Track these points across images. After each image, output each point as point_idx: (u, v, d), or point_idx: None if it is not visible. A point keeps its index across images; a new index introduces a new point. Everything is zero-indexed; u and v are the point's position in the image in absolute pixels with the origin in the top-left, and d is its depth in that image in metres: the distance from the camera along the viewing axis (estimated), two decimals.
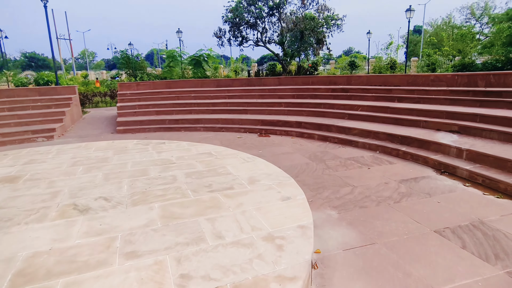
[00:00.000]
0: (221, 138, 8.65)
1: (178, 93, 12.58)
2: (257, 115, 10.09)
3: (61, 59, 43.15)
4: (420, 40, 39.57)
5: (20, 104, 11.07)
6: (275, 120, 9.22)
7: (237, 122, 9.82)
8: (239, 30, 22.69)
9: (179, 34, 25.74)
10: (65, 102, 11.66)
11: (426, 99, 8.05)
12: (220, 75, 26.36)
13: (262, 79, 12.77)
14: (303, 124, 8.64)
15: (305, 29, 21.22)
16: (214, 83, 13.22)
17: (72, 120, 11.71)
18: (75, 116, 12.17)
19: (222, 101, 11.47)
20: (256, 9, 21.46)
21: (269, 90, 11.74)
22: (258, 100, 11.09)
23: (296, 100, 10.59)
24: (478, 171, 4.58)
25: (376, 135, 6.91)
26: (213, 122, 10.13)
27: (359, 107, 8.65)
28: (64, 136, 9.85)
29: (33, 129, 9.52)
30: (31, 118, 10.38)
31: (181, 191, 3.67)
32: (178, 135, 9.31)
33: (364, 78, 10.57)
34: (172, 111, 11.23)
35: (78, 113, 12.65)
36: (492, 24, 32.50)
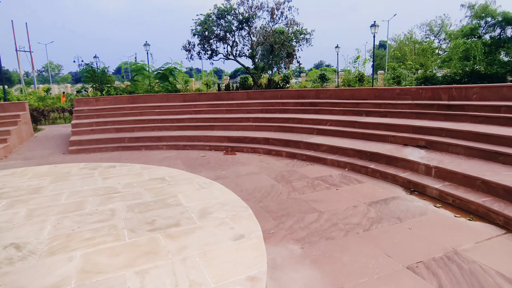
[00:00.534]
0: (184, 157, 8.06)
1: (142, 108, 11.87)
2: (224, 131, 9.61)
3: (21, 72, 40.71)
4: (385, 54, 41.24)
5: None
6: (242, 136, 8.78)
7: (203, 139, 9.28)
8: (209, 44, 22.36)
9: (146, 47, 24.99)
10: (12, 120, 10.60)
11: (393, 113, 7.94)
12: (191, 89, 25.80)
13: (230, 93, 12.37)
14: (271, 141, 8.25)
15: (275, 43, 21.26)
16: (180, 98, 12.65)
17: (20, 140, 10.64)
18: (24, 135, 11.10)
19: (187, 116, 10.91)
20: (225, 22, 21.30)
21: (237, 104, 11.34)
22: (226, 116, 10.64)
23: (265, 115, 10.24)
24: (448, 191, 4.34)
25: (345, 151, 6.63)
26: (177, 139, 9.52)
27: (327, 122, 8.41)
28: (8, 158, 8.83)
29: None
30: None
31: (115, 232, 3.08)
32: (137, 155, 8.62)
33: (332, 92, 10.44)
34: (134, 128, 10.50)
35: (28, 131, 11.57)
36: (449, 40, 34.52)
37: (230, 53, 22.83)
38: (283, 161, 7.13)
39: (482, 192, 4.15)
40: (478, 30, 29.95)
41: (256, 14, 21.82)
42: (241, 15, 21.34)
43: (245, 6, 21.66)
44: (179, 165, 7.14)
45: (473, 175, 4.30)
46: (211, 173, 6.33)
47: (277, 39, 21.76)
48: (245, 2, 21.75)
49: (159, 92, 17.48)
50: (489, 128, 5.59)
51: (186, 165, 7.20)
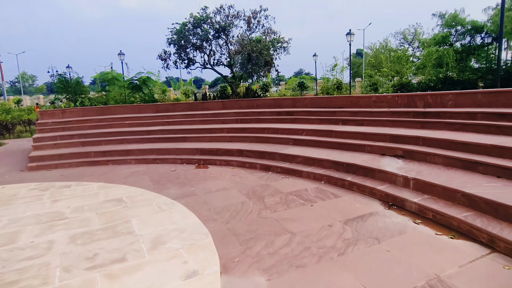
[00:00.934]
0: (152, 172, 7.53)
1: (111, 120, 11.23)
2: (197, 143, 9.15)
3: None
4: (362, 62, 42.06)
5: None
6: (215, 148, 8.34)
7: (174, 152, 8.77)
8: (186, 53, 21.95)
9: (121, 57, 24.25)
10: None
11: (369, 121, 7.75)
12: (169, 99, 25.18)
13: (205, 103, 11.95)
14: (245, 153, 7.86)
15: (252, 52, 21.10)
16: (152, 108, 12.10)
17: None
18: None
19: (159, 128, 10.37)
20: (202, 31, 20.99)
21: (212, 115, 10.92)
22: (199, 126, 10.19)
23: (240, 125, 9.86)
24: (428, 205, 4.07)
25: (321, 163, 6.33)
26: (147, 153, 8.96)
27: (303, 132, 8.12)
28: None
29: None
30: None
31: (45, 272, 2.58)
32: (103, 170, 8.00)
33: (309, 100, 10.22)
34: (101, 142, 9.85)
35: None
36: (422, 47, 35.59)
37: (207, 62, 22.48)
38: (257, 174, 6.74)
39: (463, 206, 3.90)
40: (449, 38, 31.04)
41: (233, 23, 21.64)
42: (218, 24, 21.11)
43: (221, 15, 21.45)
44: (145, 182, 6.61)
45: (453, 188, 4.06)
46: (179, 190, 5.85)
47: (254, 48, 21.60)
48: (221, 11, 21.54)
49: (134, 103, 16.84)
50: (467, 136, 5.43)
51: (153, 181, 6.68)
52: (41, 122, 10.89)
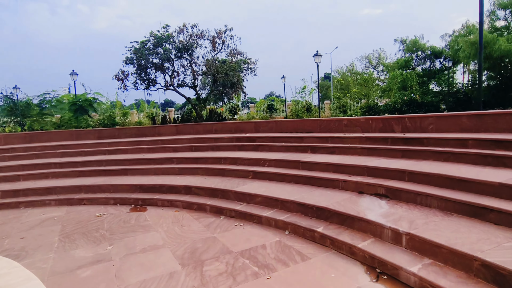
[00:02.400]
0: (70, 219, 5.79)
1: (40, 149, 9.34)
2: (139, 177, 7.52)
3: None
4: (330, 85, 42.55)
5: None
6: (158, 184, 6.76)
7: (108, 189, 7.08)
8: (146, 73, 20.44)
9: (73, 77, 22.15)
10: None
11: (342, 148, 6.60)
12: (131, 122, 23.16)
13: (157, 127, 10.40)
14: (194, 190, 6.36)
15: (217, 73, 20.03)
16: (94, 134, 10.35)
17: None
18: None
19: (97, 158, 8.63)
20: (163, 50, 19.69)
21: (163, 141, 9.37)
22: (146, 156, 8.58)
23: (193, 153, 8.38)
24: (433, 280, 2.79)
25: (285, 204, 4.97)
26: (73, 190, 7.19)
27: (266, 162, 6.80)
28: None
29: None
30: None
31: None
32: (4, 217, 6.13)
33: (273, 124, 9.01)
34: (19, 177, 7.93)
35: None
36: (387, 71, 36.53)
37: (170, 83, 21.10)
38: (205, 221, 5.24)
39: (486, 281, 2.66)
40: (411, 62, 31.99)
41: (197, 42, 20.61)
42: (181, 44, 19.98)
43: (184, 34, 20.38)
44: (50, 236, 4.89)
45: (466, 252, 2.82)
46: (89, 251, 4.21)
47: (219, 69, 20.60)
48: (184, 31, 20.51)
49: (91, 127, 14.85)
50: (462, 168, 4.35)
51: (63, 234, 4.97)
52: None
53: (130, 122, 22.54)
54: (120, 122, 19.09)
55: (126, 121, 20.90)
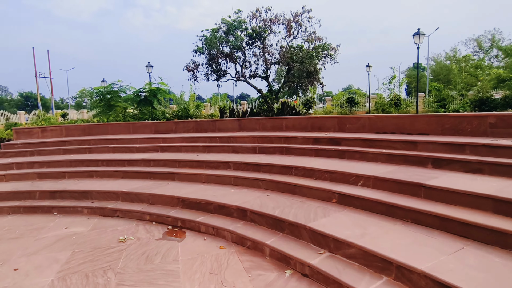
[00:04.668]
0: (89, 240, 4.39)
1: (95, 142, 8.55)
2: (185, 185, 5.90)
3: (39, 97, 40.37)
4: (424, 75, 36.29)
5: None
6: (205, 200, 4.98)
7: (147, 199, 5.60)
8: (217, 63, 19.36)
9: (149, 69, 22.47)
10: None
11: (496, 165, 3.86)
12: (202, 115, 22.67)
13: (216, 121, 8.78)
14: (250, 215, 4.39)
15: (292, 61, 17.82)
16: (151, 128, 9.25)
17: None
18: None
19: (147, 156, 7.35)
20: (235, 39, 18.26)
21: (221, 139, 7.67)
22: (199, 157, 6.95)
23: (256, 157, 6.44)
24: None
25: (407, 274, 2.63)
26: (109, 197, 5.92)
27: (359, 179, 4.44)
28: None
29: None
30: None
31: None
32: (28, 227, 5.07)
33: (364, 121, 6.50)
34: (65, 174, 7.08)
35: None
36: (505, 56, 29.30)
37: (241, 74, 19.65)
38: (260, 278, 3.21)
39: None
40: None
41: (271, 28, 18.66)
42: (253, 30, 18.27)
43: (257, 19, 18.61)
44: (47, 272, 3.47)
45: None
46: None
47: (294, 57, 18.34)
48: (257, 16, 18.74)
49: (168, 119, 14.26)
50: None
51: (63, 271, 3.50)
52: (8, 143, 8.54)
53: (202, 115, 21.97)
54: (193, 115, 18.48)
55: (199, 114, 20.28)
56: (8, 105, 71.24)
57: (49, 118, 26.45)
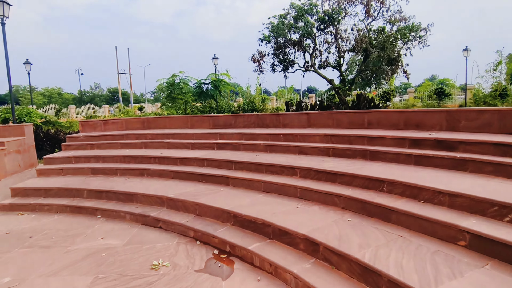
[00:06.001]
0: (119, 260, 3.54)
1: (151, 137, 8.03)
2: (240, 193, 4.77)
3: (120, 91, 44.27)
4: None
5: None
6: (261, 220, 3.76)
7: (193, 209, 4.62)
8: (284, 53, 18.03)
9: (215, 61, 22.18)
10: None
11: None
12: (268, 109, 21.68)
13: (280, 115, 7.50)
14: (324, 252, 3.02)
15: (371, 46, 15.51)
16: (209, 122, 8.41)
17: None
18: (9, 168, 8.41)
19: (201, 155, 6.44)
20: (305, 24, 16.64)
21: (285, 136, 6.36)
22: (259, 158, 5.77)
23: (329, 162, 4.98)
24: None
25: None
26: (155, 202, 5.11)
27: (502, 208, 2.72)
28: None
29: None
30: None
31: None
32: (68, 231, 4.51)
33: (491, 116, 4.53)
34: (116, 171, 6.59)
35: (18, 162, 8.88)
36: None
37: (310, 63, 17.98)
38: None
39: None
40: None
41: (346, 10, 16.57)
42: (325, 14, 16.42)
43: (330, 1, 16.69)
44: None
45: None
46: None
47: (373, 42, 15.98)
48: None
49: (233, 112, 13.63)
50: None
51: None
52: (72, 136, 8.53)
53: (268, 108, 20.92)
54: (259, 109, 17.57)
55: (264, 108, 19.26)
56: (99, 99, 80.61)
57: (127, 111, 28.39)
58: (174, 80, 11.10)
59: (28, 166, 9.19)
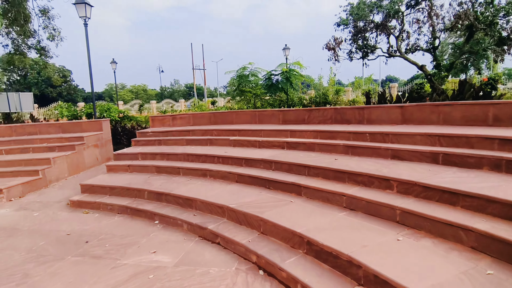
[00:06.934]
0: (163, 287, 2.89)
1: (217, 133, 7.49)
2: (313, 210, 3.76)
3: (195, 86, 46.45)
4: None
5: (21, 145, 8.49)
6: (346, 257, 2.71)
7: (257, 225, 3.79)
8: (364, 38, 16.07)
9: (286, 52, 21.13)
10: (74, 143, 8.47)
11: None
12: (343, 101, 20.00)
13: (365, 109, 6.18)
14: None
15: (478, 22, 12.62)
16: (278, 117, 7.53)
17: (76, 169, 8.34)
18: (88, 161, 8.83)
19: (268, 156, 5.59)
20: (391, 2, 14.44)
21: (372, 136, 5.08)
22: (337, 163, 4.65)
23: (443, 172, 3.61)
24: None
25: None
26: (215, 211, 4.43)
27: None
28: (21, 199, 6.33)
29: None
30: (6, 167, 7.43)
31: None
32: (131, 238, 4.12)
33: None
34: (179, 170, 6.16)
35: (97, 156, 9.29)
36: None
37: (395, 48, 15.66)
38: None
39: None
40: None
41: None
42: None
43: None
44: None
45: None
46: None
47: (480, 17, 13.00)
48: None
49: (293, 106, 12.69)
50: None
51: None
52: (142, 131, 8.51)
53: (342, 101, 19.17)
54: (332, 101, 16.09)
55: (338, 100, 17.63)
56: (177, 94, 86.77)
57: (201, 105, 29.35)
58: (243, 72, 10.46)
59: (105, 160, 9.58)
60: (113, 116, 11.02)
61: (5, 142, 8.51)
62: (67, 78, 49.48)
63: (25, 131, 9.23)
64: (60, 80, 19.15)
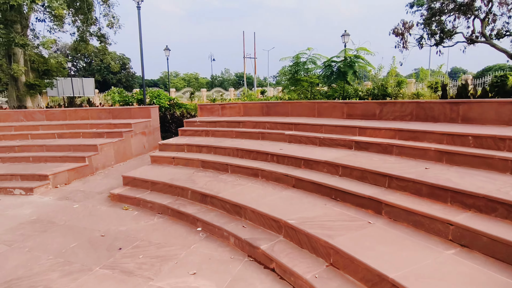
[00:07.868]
0: None
1: (270, 126, 6.64)
2: (401, 239, 2.73)
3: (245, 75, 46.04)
4: None
5: (72, 130, 8.47)
6: None
7: (322, 254, 2.88)
8: (439, 22, 13.94)
9: (345, 38, 19.41)
10: (121, 130, 8.24)
11: None
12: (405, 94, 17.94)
13: (460, 104, 4.85)
14: None
15: None
16: (342, 110, 6.45)
17: (123, 156, 8.12)
18: (135, 149, 8.58)
19: (332, 157, 4.60)
20: None
21: (477, 139, 3.83)
22: (430, 173, 3.53)
23: None
24: None
25: None
26: (268, 225, 3.61)
27: None
28: (66, 186, 6.16)
29: (24, 173, 6.27)
30: (56, 152, 7.38)
31: None
32: (170, 249, 3.50)
33: None
34: (227, 167, 5.45)
35: (144, 144, 9.01)
36: None
37: (478, 33, 13.32)
38: None
39: None
40: None
41: None
42: None
43: None
44: None
45: None
46: None
47: None
48: None
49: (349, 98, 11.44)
50: None
51: None
52: (190, 120, 7.96)
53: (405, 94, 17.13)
54: (392, 93, 14.33)
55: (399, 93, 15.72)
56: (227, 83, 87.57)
57: (251, 94, 28.80)
58: (299, 59, 9.40)
59: (152, 148, 9.29)
60: (162, 103, 10.76)
61: (59, 126, 8.56)
62: (126, 65, 52.21)
63: (78, 115, 9.27)
64: (117, 67, 19.70)
